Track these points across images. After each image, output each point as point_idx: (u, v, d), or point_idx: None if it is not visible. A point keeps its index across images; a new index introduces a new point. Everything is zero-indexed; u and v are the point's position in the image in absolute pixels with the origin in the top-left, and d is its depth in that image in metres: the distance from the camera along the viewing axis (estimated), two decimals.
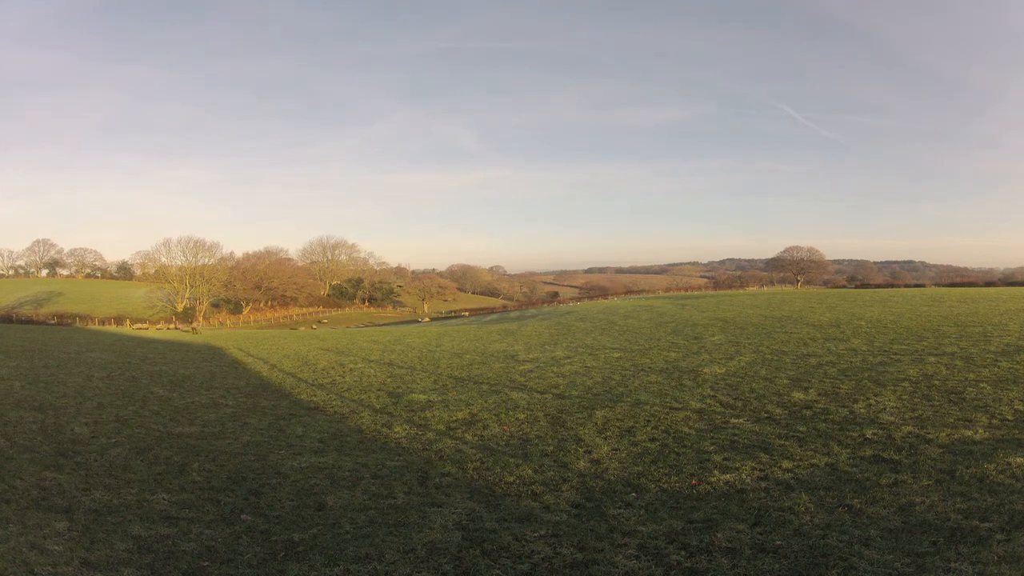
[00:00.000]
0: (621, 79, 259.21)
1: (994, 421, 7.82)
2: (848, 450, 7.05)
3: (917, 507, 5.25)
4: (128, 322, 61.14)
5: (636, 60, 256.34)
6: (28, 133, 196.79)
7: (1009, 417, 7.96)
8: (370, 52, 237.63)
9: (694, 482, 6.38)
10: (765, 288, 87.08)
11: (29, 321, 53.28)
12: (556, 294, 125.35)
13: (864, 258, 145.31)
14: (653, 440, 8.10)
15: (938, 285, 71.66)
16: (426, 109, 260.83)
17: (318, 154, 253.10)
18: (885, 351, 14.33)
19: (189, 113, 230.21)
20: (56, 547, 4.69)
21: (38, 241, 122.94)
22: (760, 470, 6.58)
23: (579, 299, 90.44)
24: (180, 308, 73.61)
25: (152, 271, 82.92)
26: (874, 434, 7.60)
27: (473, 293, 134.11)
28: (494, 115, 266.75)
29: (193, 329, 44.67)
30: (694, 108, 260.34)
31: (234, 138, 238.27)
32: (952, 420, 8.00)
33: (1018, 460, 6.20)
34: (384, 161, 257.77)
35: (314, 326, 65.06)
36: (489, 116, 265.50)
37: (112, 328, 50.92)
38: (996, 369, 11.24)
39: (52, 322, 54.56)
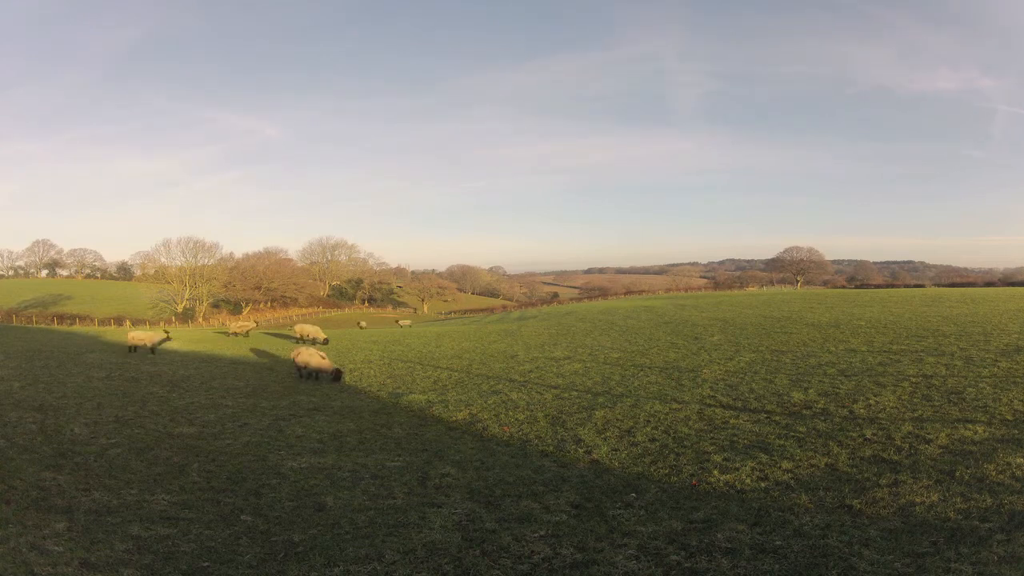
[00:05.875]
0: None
1: (994, 421, 7.82)
2: (848, 450, 7.05)
3: (917, 507, 5.25)
4: (128, 323, 61.06)
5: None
6: (21, 125, 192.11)
7: (1009, 417, 7.96)
8: None
9: (694, 482, 6.38)
10: (765, 288, 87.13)
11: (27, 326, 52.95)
12: (556, 294, 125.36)
13: (864, 258, 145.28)
14: (653, 440, 8.10)
15: (938, 285, 71.69)
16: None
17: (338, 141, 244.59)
18: (885, 351, 14.33)
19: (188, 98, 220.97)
20: (56, 547, 4.69)
21: (38, 241, 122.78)
22: (760, 470, 6.58)
23: (579, 299, 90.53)
24: (180, 309, 73.62)
25: (152, 271, 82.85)
26: (874, 434, 7.60)
27: (473, 293, 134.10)
28: None
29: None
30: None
31: (234, 131, 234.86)
32: (952, 420, 8.00)
33: (1018, 460, 6.20)
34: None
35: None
36: None
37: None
38: (996, 369, 11.24)
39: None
